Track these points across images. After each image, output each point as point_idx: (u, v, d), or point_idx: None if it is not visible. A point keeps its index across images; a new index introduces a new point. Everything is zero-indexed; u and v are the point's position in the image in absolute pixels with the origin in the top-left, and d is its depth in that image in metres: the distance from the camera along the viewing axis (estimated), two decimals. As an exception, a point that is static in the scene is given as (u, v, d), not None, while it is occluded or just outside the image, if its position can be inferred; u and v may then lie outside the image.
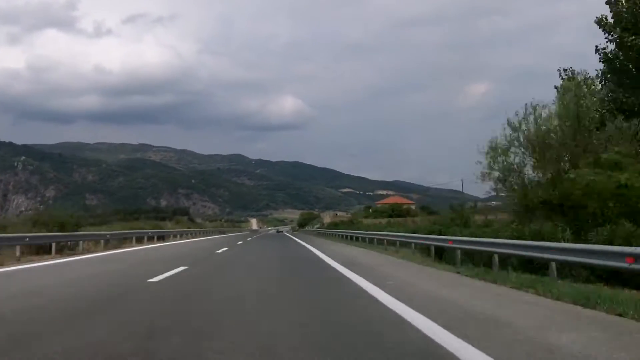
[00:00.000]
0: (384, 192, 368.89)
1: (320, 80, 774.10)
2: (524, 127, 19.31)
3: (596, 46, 18.59)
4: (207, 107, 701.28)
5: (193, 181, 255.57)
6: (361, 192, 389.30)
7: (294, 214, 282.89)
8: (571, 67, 22.06)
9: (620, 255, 7.59)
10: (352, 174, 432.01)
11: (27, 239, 15.57)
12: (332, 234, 44.55)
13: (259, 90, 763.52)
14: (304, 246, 25.23)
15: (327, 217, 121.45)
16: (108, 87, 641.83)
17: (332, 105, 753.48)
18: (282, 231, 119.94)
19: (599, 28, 18.12)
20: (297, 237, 45.15)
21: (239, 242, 31.26)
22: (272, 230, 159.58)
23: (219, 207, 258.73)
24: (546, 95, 72.05)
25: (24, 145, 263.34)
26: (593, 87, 20.34)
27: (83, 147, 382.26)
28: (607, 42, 18.25)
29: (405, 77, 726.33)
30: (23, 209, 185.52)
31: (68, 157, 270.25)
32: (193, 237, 41.83)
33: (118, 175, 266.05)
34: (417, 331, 4.78)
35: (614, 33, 17.79)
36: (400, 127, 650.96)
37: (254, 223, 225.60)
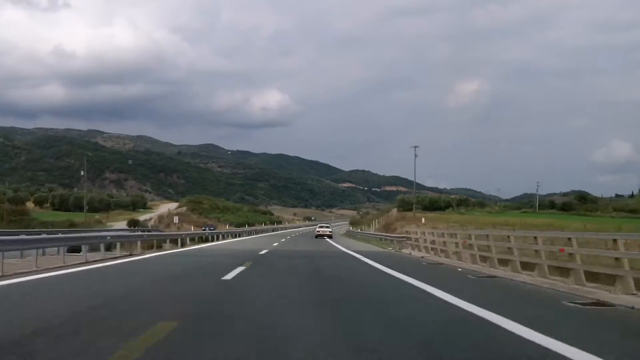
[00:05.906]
0: (393, 189, 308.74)
1: (304, 75, 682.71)
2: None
3: None
4: (182, 100, 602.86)
5: (130, 162, 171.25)
6: (366, 188, 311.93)
7: (285, 212, 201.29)
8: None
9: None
10: (345, 169, 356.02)
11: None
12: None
13: (240, 85, 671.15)
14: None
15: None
16: (72, 73, 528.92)
17: (317, 101, 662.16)
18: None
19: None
20: None
21: None
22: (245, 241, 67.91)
23: (166, 199, 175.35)
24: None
25: None
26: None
27: (14, 132, 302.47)
28: None
29: (393, 71, 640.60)
30: None
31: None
32: None
33: (20, 155, 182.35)
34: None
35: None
36: (388, 125, 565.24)
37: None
